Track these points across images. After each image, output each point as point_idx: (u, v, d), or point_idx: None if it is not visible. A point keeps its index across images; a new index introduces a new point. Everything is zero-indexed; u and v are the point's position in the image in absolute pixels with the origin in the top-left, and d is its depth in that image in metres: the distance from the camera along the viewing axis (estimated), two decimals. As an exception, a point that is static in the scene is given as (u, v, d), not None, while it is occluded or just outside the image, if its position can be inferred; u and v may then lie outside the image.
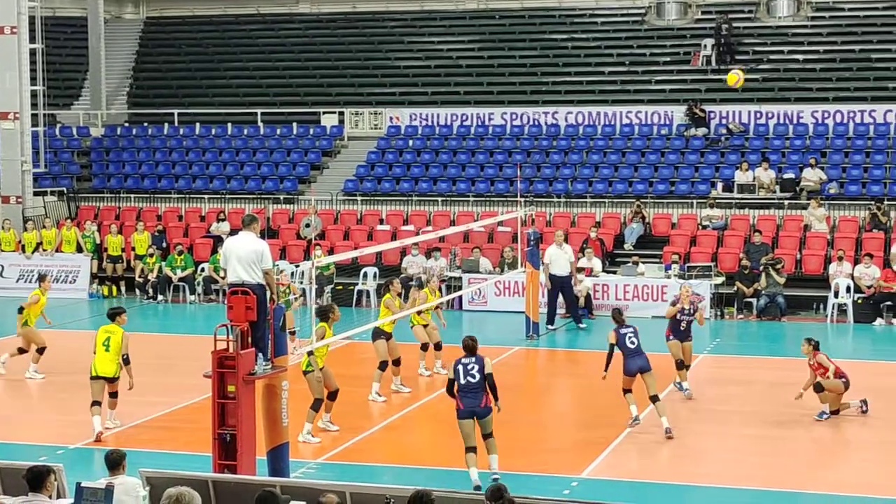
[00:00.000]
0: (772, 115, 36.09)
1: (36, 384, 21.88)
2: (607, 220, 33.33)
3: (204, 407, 16.05)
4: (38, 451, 16.68)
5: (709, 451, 17.77)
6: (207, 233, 34.46)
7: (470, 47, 41.84)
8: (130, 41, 45.47)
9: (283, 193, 36.68)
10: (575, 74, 39.54)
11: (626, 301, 29.40)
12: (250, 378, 14.07)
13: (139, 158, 39.43)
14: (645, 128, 36.76)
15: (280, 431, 14.53)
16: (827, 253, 30.57)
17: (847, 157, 34.46)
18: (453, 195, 35.38)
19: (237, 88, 42.32)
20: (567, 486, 15.45)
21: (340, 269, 30.83)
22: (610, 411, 19.55)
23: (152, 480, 11.73)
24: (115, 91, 43.37)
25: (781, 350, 26.24)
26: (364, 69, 41.77)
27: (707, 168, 34.90)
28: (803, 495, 15.57)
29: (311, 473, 15.75)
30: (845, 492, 15.57)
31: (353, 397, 20.50)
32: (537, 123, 37.68)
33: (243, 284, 14.25)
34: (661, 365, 23.06)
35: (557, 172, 35.57)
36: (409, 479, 15.19)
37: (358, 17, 44.26)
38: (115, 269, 33.52)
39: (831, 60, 37.95)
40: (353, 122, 39.24)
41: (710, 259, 30.47)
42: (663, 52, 39.81)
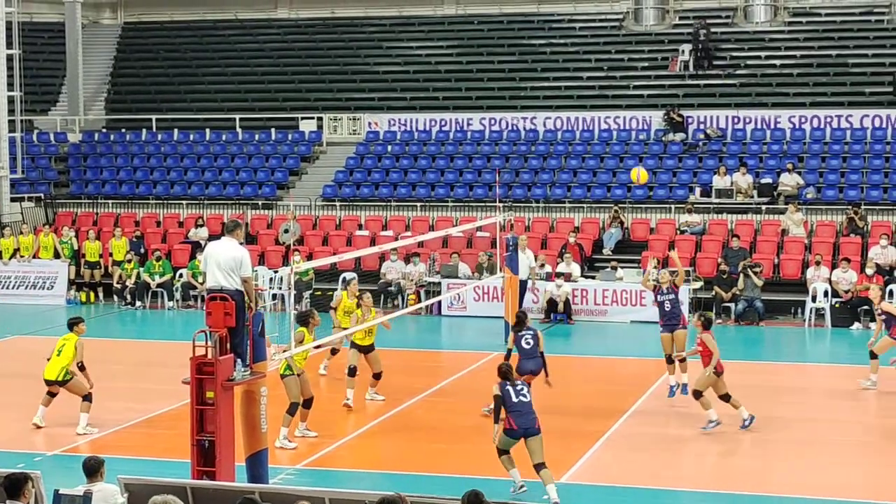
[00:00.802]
0: (749, 120, 36.21)
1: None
2: (586, 225, 33.39)
3: (182, 413, 16.00)
4: (15, 458, 16.60)
5: (687, 456, 17.80)
6: (185, 238, 34.39)
7: (448, 53, 41.88)
8: (108, 47, 45.37)
9: (261, 199, 36.62)
10: (553, 80, 39.61)
11: (604, 306, 29.48)
12: (229, 384, 14.04)
13: (117, 164, 39.31)
14: (623, 133, 36.85)
15: (259, 437, 14.51)
16: (804, 257, 30.69)
17: (824, 161, 34.60)
18: (432, 200, 35.39)
19: (215, 94, 42.25)
20: (545, 492, 15.43)
21: (319, 275, 30.81)
22: (589, 416, 19.59)
23: (130, 487, 11.69)
24: (93, 97, 43.25)
25: (759, 354, 26.33)
26: (343, 74, 41.77)
27: (685, 173, 35.00)
28: (782, 499, 15.60)
29: (290, 479, 15.73)
30: (826, 495, 15.62)
31: (332, 403, 20.50)
32: (516, 129, 37.73)
33: (222, 290, 14.22)
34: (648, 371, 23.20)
35: (536, 177, 35.63)
36: (387, 485, 15.18)
37: (336, 22, 44.26)
38: (92, 275, 33.41)
39: (808, 66, 38.11)
40: (332, 127, 39.22)
41: (689, 264, 30.52)
42: (641, 58, 39.91)
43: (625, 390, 21.61)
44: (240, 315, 14.16)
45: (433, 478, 16.31)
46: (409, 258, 31.43)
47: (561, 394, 22.47)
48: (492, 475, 15.90)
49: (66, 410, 18.99)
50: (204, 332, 14.04)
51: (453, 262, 30.83)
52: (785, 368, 23.02)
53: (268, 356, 14.90)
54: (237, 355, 14.15)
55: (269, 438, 14.82)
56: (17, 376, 22.83)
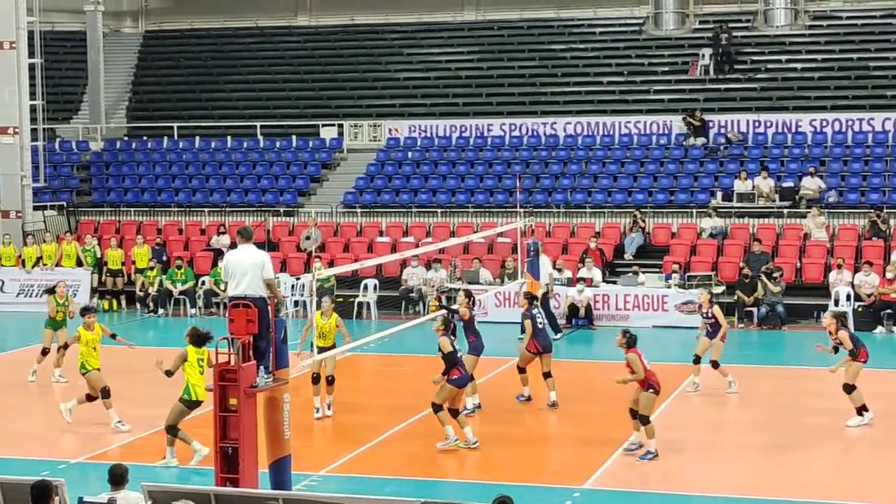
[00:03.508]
0: (770, 123, 36.12)
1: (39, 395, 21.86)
2: (607, 230, 33.34)
3: (206, 420, 16.05)
4: (39, 465, 16.66)
5: (710, 461, 17.75)
6: (208, 246, 34.47)
7: (469, 58, 41.90)
8: (129, 55, 45.56)
9: (282, 206, 36.69)
10: (573, 85, 39.60)
11: (626, 311, 29.44)
12: (252, 391, 14.08)
13: (139, 172, 39.45)
14: (644, 137, 36.79)
15: (282, 444, 14.53)
16: (827, 261, 30.58)
17: (846, 165, 34.50)
18: (452, 206, 35.41)
19: (236, 101, 42.36)
20: (569, 497, 15.45)
21: (341, 282, 30.82)
22: (611, 422, 19.55)
23: (154, 495, 11.72)
24: (115, 105, 43.42)
25: (782, 359, 26.26)
26: (363, 81, 41.83)
27: (706, 177, 34.92)
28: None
29: (314, 486, 15.75)
30: (852, 499, 15.58)
31: (353, 409, 20.51)
32: (536, 134, 37.71)
33: (245, 297, 14.26)
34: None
35: (556, 183, 35.60)
36: (410, 491, 15.21)
37: (357, 29, 44.34)
38: (115, 283, 33.51)
39: (829, 69, 38.00)
40: (353, 134, 39.28)
41: (710, 268, 30.47)
42: (661, 62, 39.86)
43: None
44: (263, 322, 14.21)
45: (457, 483, 16.31)
46: (431, 264, 31.45)
47: (583, 399, 22.49)
48: (517, 481, 15.90)
49: (91, 417, 19.07)
50: (227, 339, 14.09)
51: (474, 268, 30.83)
52: (808, 373, 22.91)
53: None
54: (260, 362, 14.19)
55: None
56: (39, 384, 22.90)
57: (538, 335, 20.80)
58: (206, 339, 17.01)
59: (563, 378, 24.34)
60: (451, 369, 17.80)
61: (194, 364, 16.97)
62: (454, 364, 17.86)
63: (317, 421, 19.66)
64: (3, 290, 33.37)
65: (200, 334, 17.14)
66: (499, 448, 18.30)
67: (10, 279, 33.48)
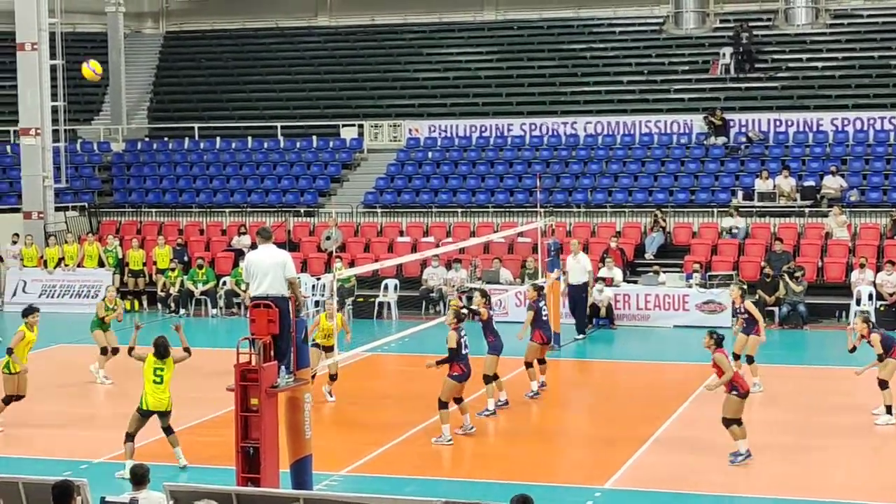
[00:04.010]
0: (791, 122, 36.00)
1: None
2: (627, 229, 33.28)
3: (227, 420, 16.08)
4: (61, 465, 16.72)
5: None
6: (229, 246, 34.55)
7: (488, 58, 41.90)
8: (150, 56, 45.70)
9: (303, 206, 36.75)
10: (593, 84, 39.56)
11: (647, 311, 29.40)
12: (273, 391, 14.10)
13: (160, 173, 39.57)
14: (664, 137, 36.73)
15: (303, 444, 14.55)
16: (849, 260, 30.48)
17: (867, 163, 34.37)
18: (473, 206, 35.41)
19: (257, 102, 42.46)
20: (590, 497, 15.44)
21: (361, 282, 30.88)
22: (633, 421, 19.53)
23: (176, 494, 11.75)
24: (136, 106, 43.56)
25: (803, 358, 26.17)
26: (383, 81, 41.87)
27: (727, 177, 34.84)
28: (828, 504, 15.54)
29: (335, 486, 15.77)
30: (879, 499, 15.52)
31: (374, 409, 20.53)
32: (556, 133, 37.69)
33: (266, 297, 14.29)
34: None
35: (577, 182, 35.57)
36: (432, 491, 15.21)
37: (377, 29, 44.39)
38: (136, 284, 33.63)
39: (850, 67, 37.88)
40: (373, 134, 39.32)
41: (732, 268, 30.40)
42: (682, 61, 39.80)
43: (668, 395, 21.54)
44: (284, 322, 14.23)
45: (478, 483, 16.31)
46: (451, 264, 31.45)
47: (604, 399, 22.48)
48: (537, 480, 15.90)
49: (107, 418, 19.13)
50: (248, 340, 14.11)
51: (494, 268, 30.81)
52: (830, 372, 22.84)
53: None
54: (281, 362, 14.22)
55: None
56: (61, 385, 23.00)
57: (543, 326, 21.65)
58: (165, 352, 16.83)
59: (583, 378, 24.42)
60: (452, 364, 18.28)
61: (150, 374, 16.72)
62: (455, 360, 18.29)
63: (337, 420, 19.70)
64: (26, 290, 33.49)
65: (163, 345, 16.88)
66: (520, 447, 18.30)
67: (32, 280, 33.61)
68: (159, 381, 16.73)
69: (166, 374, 16.75)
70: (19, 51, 35.36)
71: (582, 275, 28.11)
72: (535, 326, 21.51)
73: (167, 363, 16.80)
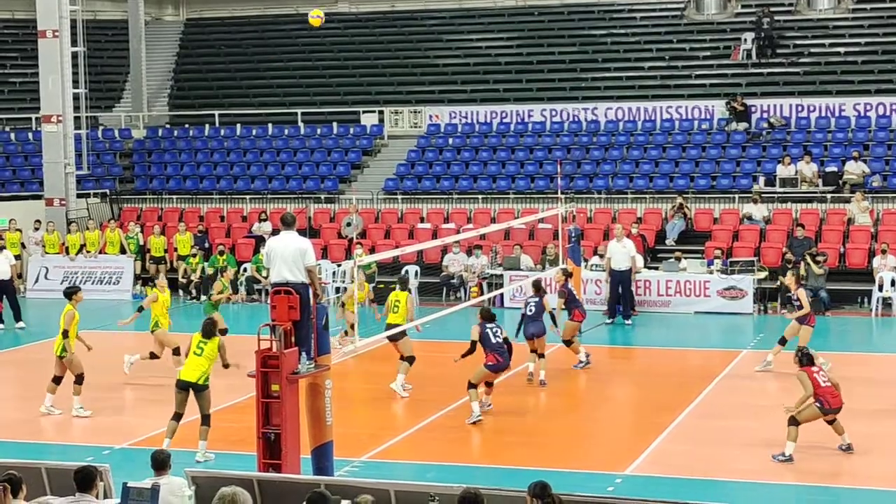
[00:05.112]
0: (813, 108, 35.84)
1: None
2: (648, 215, 33.21)
3: (248, 406, 16.12)
4: (84, 451, 16.80)
5: (753, 447, 17.63)
6: (249, 233, 34.61)
7: (509, 44, 41.81)
8: (171, 43, 45.74)
9: (323, 193, 36.77)
10: (614, 70, 39.45)
11: (668, 297, 29.34)
12: (294, 377, 14.13)
13: (181, 160, 39.65)
14: (685, 123, 36.62)
15: (324, 430, 14.57)
16: (871, 246, 30.35)
17: (890, 149, 34.20)
18: (493, 193, 35.38)
19: (277, 89, 42.48)
20: (611, 483, 15.42)
21: (382, 268, 30.87)
22: (653, 408, 19.50)
23: (198, 480, 11.79)
24: (157, 93, 43.62)
25: (824, 345, 26.05)
26: (403, 68, 41.83)
27: (748, 162, 34.73)
28: (852, 490, 15.47)
29: (356, 472, 15.79)
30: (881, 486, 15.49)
31: (394, 395, 20.54)
32: (577, 119, 37.61)
33: (287, 284, 14.31)
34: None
35: (598, 168, 35.50)
36: (452, 477, 15.22)
37: (397, 15, 44.34)
38: (157, 270, 33.67)
39: (873, 52, 37.67)
40: (393, 120, 39.31)
41: (753, 254, 30.32)
42: (703, 47, 39.65)
43: (689, 382, 21.51)
44: (304, 308, 14.24)
45: (499, 469, 16.31)
46: (471, 250, 31.43)
47: (625, 385, 22.48)
48: (558, 467, 15.90)
49: (130, 404, 19.20)
50: (269, 326, 14.14)
51: (515, 254, 30.79)
52: (852, 358, 22.77)
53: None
54: (302, 348, 14.24)
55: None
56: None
57: (579, 305, 23.06)
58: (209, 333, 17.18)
59: (605, 364, 24.36)
60: (487, 353, 18.73)
61: (193, 347, 17.18)
62: (487, 350, 18.76)
63: (358, 406, 19.73)
64: (48, 277, 33.63)
65: (208, 325, 17.31)
66: (540, 434, 18.30)
67: (54, 266, 33.74)
68: (199, 353, 17.04)
69: (208, 348, 17.02)
70: (40, 38, 35.46)
71: (626, 260, 28.11)
72: (573, 306, 22.74)
73: (212, 341, 17.07)
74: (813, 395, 16.38)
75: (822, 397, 16.39)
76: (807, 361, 16.72)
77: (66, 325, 19.31)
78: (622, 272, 28.08)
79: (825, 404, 16.39)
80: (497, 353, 18.67)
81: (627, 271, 28.17)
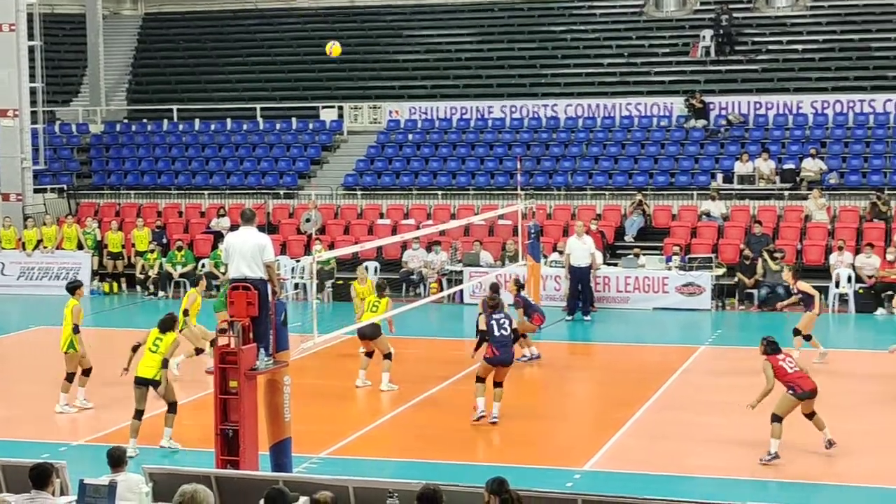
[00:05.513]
0: (771, 105, 36.05)
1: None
2: (608, 212, 33.32)
3: (206, 403, 16.05)
4: (40, 448, 16.67)
5: (711, 442, 17.72)
6: (208, 228, 34.45)
7: (469, 41, 41.80)
8: (129, 37, 45.46)
9: (282, 188, 36.65)
10: (574, 66, 39.52)
11: (627, 293, 29.42)
12: (252, 373, 14.07)
13: (139, 155, 39.38)
14: (644, 119, 36.74)
15: (282, 426, 14.53)
16: (828, 243, 30.56)
17: (847, 146, 34.43)
18: (453, 189, 35.37)
19: (236, 84, 42.29)
20: (570, 479, 15.45)
21: (341, 264, 30.82)
22: (612, 404, 19.56)
23: (155, 477, 11.71)
24: (114, 87, 43.34)
25: (781, 341, 26.12)
26: (363, 63, 41.73)
27: (707, 159, 34.87)
28: (806, 486, 15.56)
29: (314, 468, 15.75)
30: (854, 482, 15.59)
31: (353, 392, 20.52)
32: (537, 116, 37.66)
33: (245, 280, 14.25)
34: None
35: (557, 165, 35.56)
36: (411, 473, 15.20)
37: (356, 10, 44.23)
38: (115, 266, 33.53)
39: (830, 50, 37.93)
40: (353, 116, 39.21)
41: (711, 250, 30.46)
42: (662, 44, 39.78)
43: (647, 378, 21.58)
44: (263, 304, 14.19)
45: (457, 466, 16.31)
46: (431, 247, 31.42)
47: (584, 381, 22.54)
48: (517, 462, 15.91)
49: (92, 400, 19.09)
50: (227, 322, 14.07)
51: (475, 251, 30.80)
52: (809, 354, 22.84)
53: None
54: (260, 344, 14.18)
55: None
56: (39, 367, 22.91)
57: (537, 310, 22.98)
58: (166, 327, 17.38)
59: (564, 360, 24.43)
60: (488, 346, 18.43)
61: (150, 343, 17.28)
62: (485, 341, 18.60)
63: (317, 402, 19.67)
64: (4, 272, 33.37)
65: (165, 320, 17.55)
66: (499, 430, 18.29)
67: (10, 262, 33.47)
68: (154, 350, 17.08)
69: (163, 345, 17.05)
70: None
71: (586, 256, 28.17)
72: (532, 312, 22.66)
73: (167, 337, 17.12)
74: (784, 384, 16.26)
75: (791, 383, 16.24)
76: (771, 350, 16.60)
77: (75, 319, 19.10)
78: (581, 269, 28.14)
79: (797, 389, 16.20)
80: (495, 346, 18.29)
81: (587, 268, 28.24)
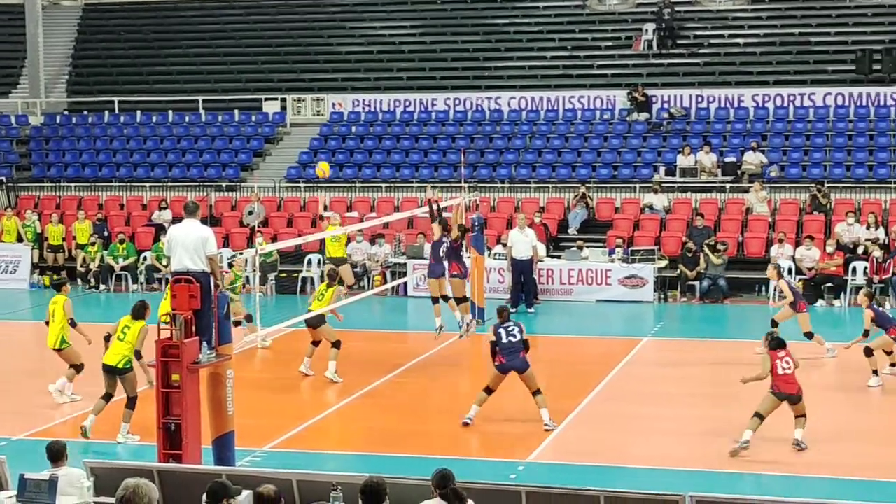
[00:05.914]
0: (713, 98, 36.29)
1: None
2: (551, 204, 33.42)
3: (148, 396, 15.94)
4: (-21, 443, 16.51)
5: (654, 433, 17.83)
6: (149, 221, 34.22)
7: (412, 32, 41.74)
8: (69, 28, 45.00)
9: (225, 181, 36.46)
10: (517, 59, 39.57)
11: (570, 285, 29.52)
12: (195, 367, 13.99)
13: (79, 147, 39.04)
14: (587, 112, 36.87)
15: (225, 420, 14.46)
16: (768, 235, 30.83)
17: (787, 140, 34.74)
18: (397, 181, 35.34)
19: (178, 75, 42.00)
20: (513, 471, 15.48)
21: (284, 257, 30.72)
22: (555, 396, 19.60)
23: (97, 471, 11.63)
24: (54, 79, 42.91)
25: (723, 332, 26.44)
26: (306, 55, 41.59)
27: (649, 152, 35.07)
28: (749, 476, 15.68)
29: (258, 462, 15.69)
30: (800, 472, 15.72)
31: (297, 385, 20.45)
32: (480, 109, 37.69)
33: (188, 272, 14.16)
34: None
35: (501, 158, 35.61)
36: (355, 466, 15.19)
37: (299, 2, 44.03)
38: (56, 259, 33.23)
39: (771, 44, 38.21)
40: (296, 108, 39.07)
41: (654, 243, 30.63)
42: (605, 37, 39.92)
43: (591, 369, 21.68)
44: (205, 297, 14.11)
45: (401, 458, 16.30)
46: (375, 239, 31.37)
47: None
48: (460, 455, 15.93)
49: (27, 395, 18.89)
50: (169, 315, 13.98)
51: (419, 243, 30.79)
52: (749, 345, 23.03)
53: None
54: (203, 338, 14.10)
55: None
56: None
57: (458, 260, 22.79)
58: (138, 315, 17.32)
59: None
60: (496, 356, 17.80)
61: (118, 331, 17.24)
62: (495, 352, 17.80)
63: (260, 395, 19.60)
64: (-58, 266, 32.99)
65: (137, 308, 17.51)
66: (442, 422, 18.30)
67: (-51, 255, 33.09)
68: (122, 338, 17.08)
69: (130, 333, 17.04)
70: (-66, 22, 34.75)
71: (528, 249, 28.21)
72: (453, 259, 22.45)
73: (134, 325, 17.11)
74: (771, 381, 16.49)
75: (775, 382, 16.49)
76: (775, 345, 16.86)
77: (69, 314, 18.90)
78: (523, 261, 28.21)
79: (776, 388, 16.45)
80: (503, 354, 17.68)
81: (529, 260, 28.31)
